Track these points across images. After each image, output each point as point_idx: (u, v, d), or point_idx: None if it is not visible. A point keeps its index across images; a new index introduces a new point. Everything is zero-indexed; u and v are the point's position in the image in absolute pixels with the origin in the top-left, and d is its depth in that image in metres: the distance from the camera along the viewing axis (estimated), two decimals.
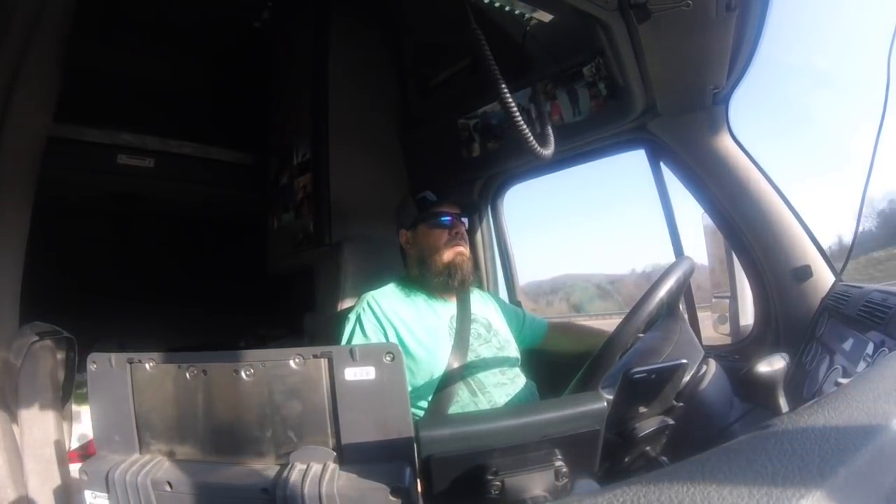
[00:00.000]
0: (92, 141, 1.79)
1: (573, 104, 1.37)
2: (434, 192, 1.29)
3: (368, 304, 1.18)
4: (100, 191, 2.05)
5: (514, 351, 1.24)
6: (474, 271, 1.32)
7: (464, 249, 1.25)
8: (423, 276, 1.24)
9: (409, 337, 1.14)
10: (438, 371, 1.11)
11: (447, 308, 1.24)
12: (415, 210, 1.27)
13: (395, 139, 1.83)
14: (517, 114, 0.84)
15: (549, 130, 1.03)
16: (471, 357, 1.15)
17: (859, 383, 0.38)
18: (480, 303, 1.32)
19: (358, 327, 1.16)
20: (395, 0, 1.78)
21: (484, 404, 1.10)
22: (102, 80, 1.85)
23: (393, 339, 1.13)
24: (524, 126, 0.85)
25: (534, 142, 0.87)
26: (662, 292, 0.79)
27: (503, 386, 1.14)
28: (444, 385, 1.11)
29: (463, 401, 1.10)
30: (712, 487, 0.25)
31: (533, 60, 1.40)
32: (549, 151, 0.93)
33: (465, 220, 1.29)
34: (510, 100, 0.84)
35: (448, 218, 1.25)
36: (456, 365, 1.12)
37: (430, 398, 1.11)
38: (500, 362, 1.18)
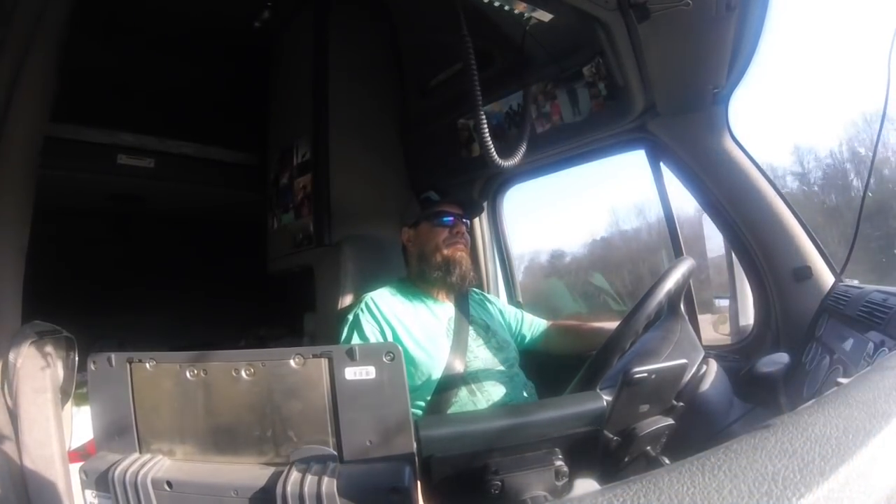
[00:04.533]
0: (92, 141, 1.78)
1: (573, 104, 1.37)
2: (438, 192, 1.32)
3: (367, 304, 1.19)
4: (100, 191, 2.05)
5: (512, 351, 1.24)
6: (474, 272, 1.32)
7: (463, 248, 1.26)
8: (422, 272, 1.26)
9: (407, 338, 1.14)
10: (437, 372, 1.11)
11: (445, 310, 1.24)
12: (418, 208, 1.29)
13: (395, 139, 1.83)
14: (485, 127, 0.93)
15: (523, 143, 1.10)
16: (469, 358, 1.16)
17: (859, 383, 0.38)
18: (478, 304, 1.32)
19: (355, 328, 1.16)
20: (395, 0, 1.78)
21: (482, 404, 1.10)
22: (102, 80, 1.85)
23: (391, 340, 1.14)
24: (488, 138, 0.93)
25: (493, 153, 0.96)
26: (663, 292, 0.79)
27: (501, 386, 1.14)
28: (443, 385, 1.11)
29: (461, 401, 1.10)
30: (712, 487, 0.25)
31: (532, 60, 1.39)
32: (508, 163, 1.01)
33: (466, 221, 1.31)
34: (482, 113, 0.93)
35: (450, 218, 1.26)
36: (454, 366, 1.13)
37: (428, 398, 1.11)
38: (499, 363, 1.19)
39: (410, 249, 1.31)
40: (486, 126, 0.93)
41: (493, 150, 0.95)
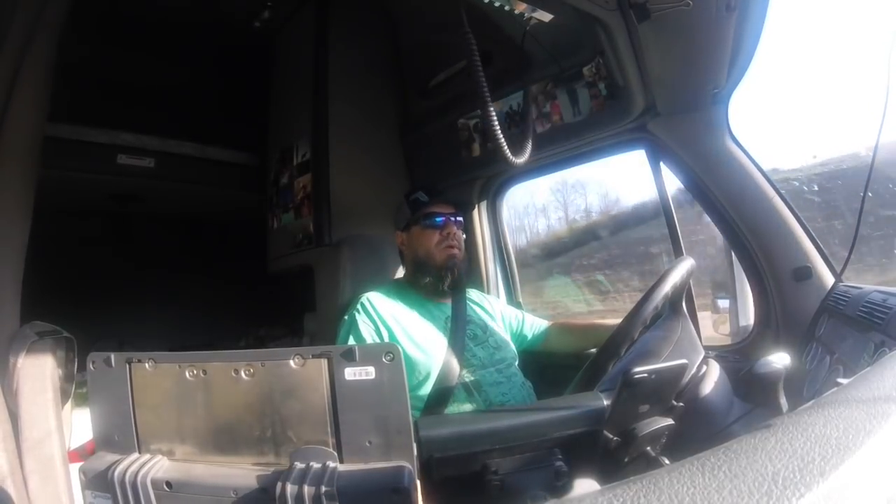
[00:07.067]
0: (92, 141, 1.79)
1: (573, 104, 1.37)
2: (427, 192, 1.29)
3: (363, 304, 1.18)
4: (100, 191, 2.05)
5: (510, 352, 1.24)
6: (474, 271, 1.32)
7: (456, 251, 1.24)
8: (416, 276, 1.25)
9: (404, 338, 1.14)
10: (434, 372, 1.11)
11: (442, 310, 1.24)
12: (408, 211, 1.28)
13: (396, 139, 1.83)
14: (496, 124, 0.90)
15: (529, 140, 1.08)
16: (467, 357, 1.16)
17: (859, 383, 0.38)
18: (477, 304, 1.32)
19: (352, 329, 1.16)
20: (395, 0, 1.78)
21: (480, 404, 1.10)
22: (102, 80, 1.85)
23: (387, 340, 1.13)
24: (500, 135, 0.91)
25: (506, 149, 0.93)
26: (663, 292, 0.79)
27: (499, 385, 1.14)
28: (441, 386, 1.11)
29: (459, 401, 1.10)
30: (712, 487, 0.25)
31: (532, 60, 1.39)
32: (520, 159, 0.99)
33: (459, 219, 1.29)
34: (491, 109, 0.90)
35: (441, 218, 1.25)
36: (452, 365, 1.13)
37: (425, 398, 1.11)
38: (497, 363, 1.18)
39: (405, 253, 1.30)
40: (496, 121, 0.91)
41: (505, 145, 0.92)
